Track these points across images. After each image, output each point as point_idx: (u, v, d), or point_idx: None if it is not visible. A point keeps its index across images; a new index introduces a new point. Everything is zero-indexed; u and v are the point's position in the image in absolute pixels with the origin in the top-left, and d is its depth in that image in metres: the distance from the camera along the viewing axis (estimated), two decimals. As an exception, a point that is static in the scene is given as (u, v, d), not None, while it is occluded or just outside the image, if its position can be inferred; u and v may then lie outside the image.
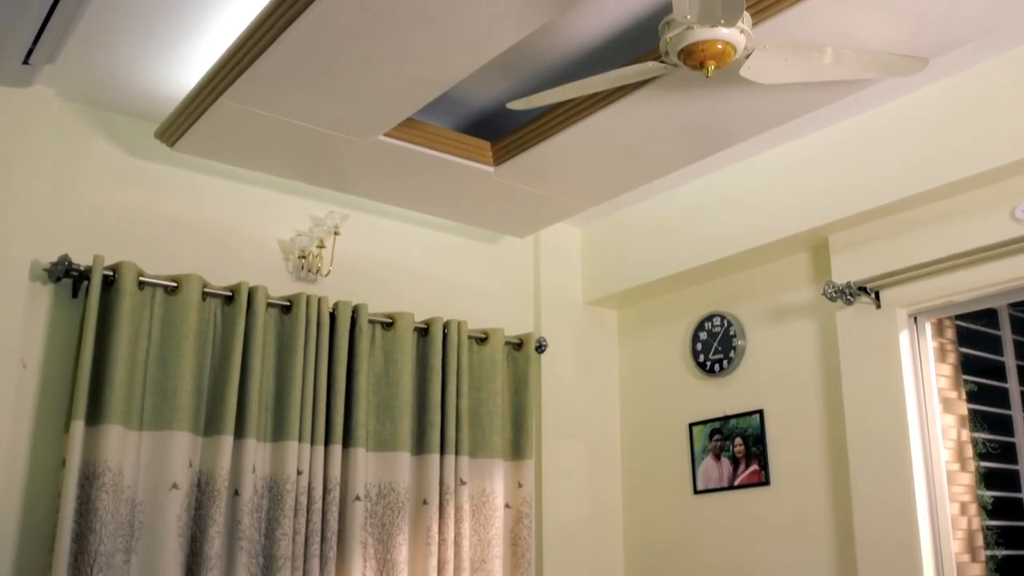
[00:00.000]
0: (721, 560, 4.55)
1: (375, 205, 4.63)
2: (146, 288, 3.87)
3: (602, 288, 5.17)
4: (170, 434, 3.78)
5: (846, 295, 3.98)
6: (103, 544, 3.53)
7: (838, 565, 4.05)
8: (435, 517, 4.35)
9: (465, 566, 4.40)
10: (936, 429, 3.84)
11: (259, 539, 3.94)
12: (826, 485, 4.15)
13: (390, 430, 4.35)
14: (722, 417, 4.65)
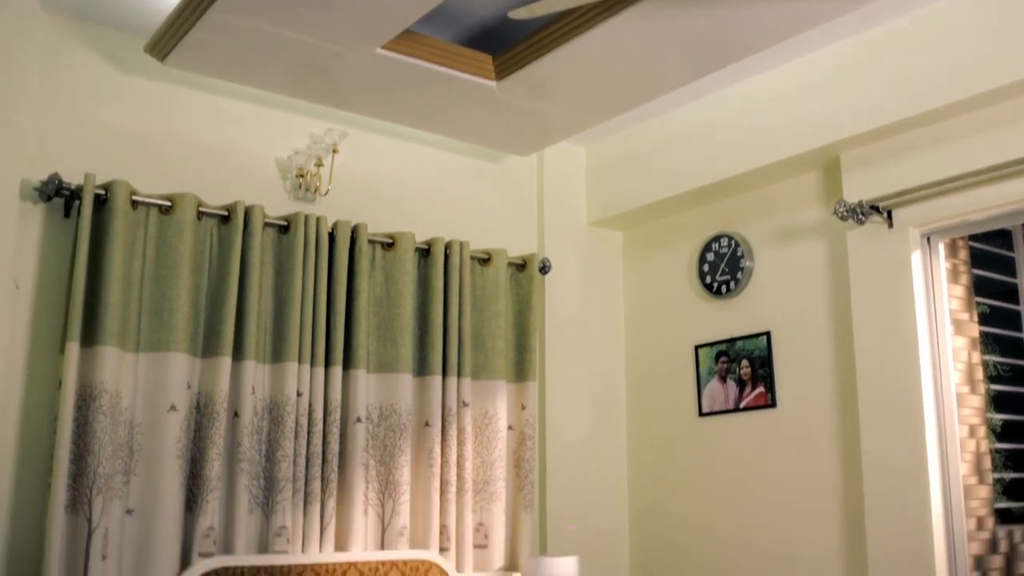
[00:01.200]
0: (726, 482, 4.52)
1: (375, 123, 4.51)
2: (140, 207, 3.79)
3: (607, 208, 5.08)
4: (167, 355, 3.73)
5: (857, 214, 3.87)
6: (102, 466, 3.50)
7: (844, 487, 4.02)
8: (437, 439, 4.32)
9: (468, 487, 4.38)
10: (947, 351, 3.77)
11: (259, 461, 3.92)
12: (833, 408, 4.10)
13: (391, 352, 4.30)
14: (728, 339, 4.58)
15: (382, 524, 4.18)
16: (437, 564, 4.18)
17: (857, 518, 3.94)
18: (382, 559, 4.04)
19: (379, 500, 4.18)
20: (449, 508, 4.31)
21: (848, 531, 3.98)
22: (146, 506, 3.64)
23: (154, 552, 3.60)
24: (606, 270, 5.21)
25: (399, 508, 4.19)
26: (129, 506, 3.63)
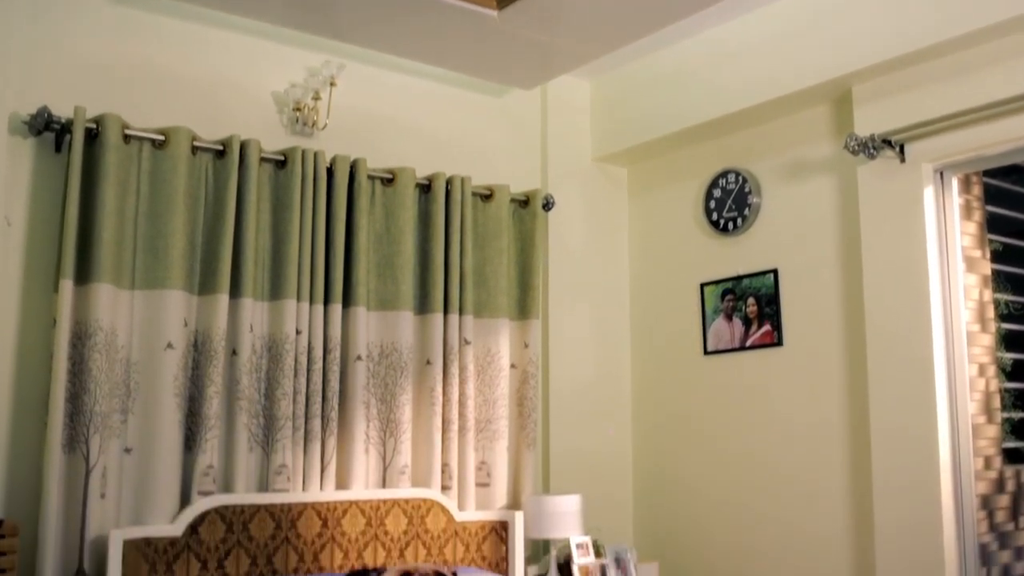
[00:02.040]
0: (731, 421, 4.49)
1: (373, 55, 4.39)
2: (132, 142, 3.70)
3: (612, 144, 4.97)
4: (163, 293, 3.67)
5: (869, 148, 3.77)
6: (98, 404, 3.46)
7: (851, 426, 3.97)
8: (439, 377, 4.28)
9: (470, 426, 4.35)
10: (958, 289, 3.69)
11: (259, 399, 3.88)
12: (840, 346, 4.04)
13: (391, 289, 4.23)
14: (735, 277, 4.51)
15: (383, 463, 4.15)
16: (439, 503, 4.16)
17: (864, 457, 3.90)
18: (383, 498, 4.02)
19: (380, 438, 4.15)
20: (451, 447, 4.28)
21: (854, 470, 3.94)
22: (144, 445, 3.61)
23: (153, 491, 3.58)
24: (611, 207, 5.12)
25: (400, 447, 4.16)
26: (127, 445, 3.60)
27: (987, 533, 3.72)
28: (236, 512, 3.67)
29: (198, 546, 3.58)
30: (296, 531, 3.79)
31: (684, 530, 4.66)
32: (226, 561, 3.63)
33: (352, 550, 3.90)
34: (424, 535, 4.09)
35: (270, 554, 3.72)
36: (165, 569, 3.51)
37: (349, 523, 3.91)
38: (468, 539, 4.22)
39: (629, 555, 4.35)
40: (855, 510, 3.92)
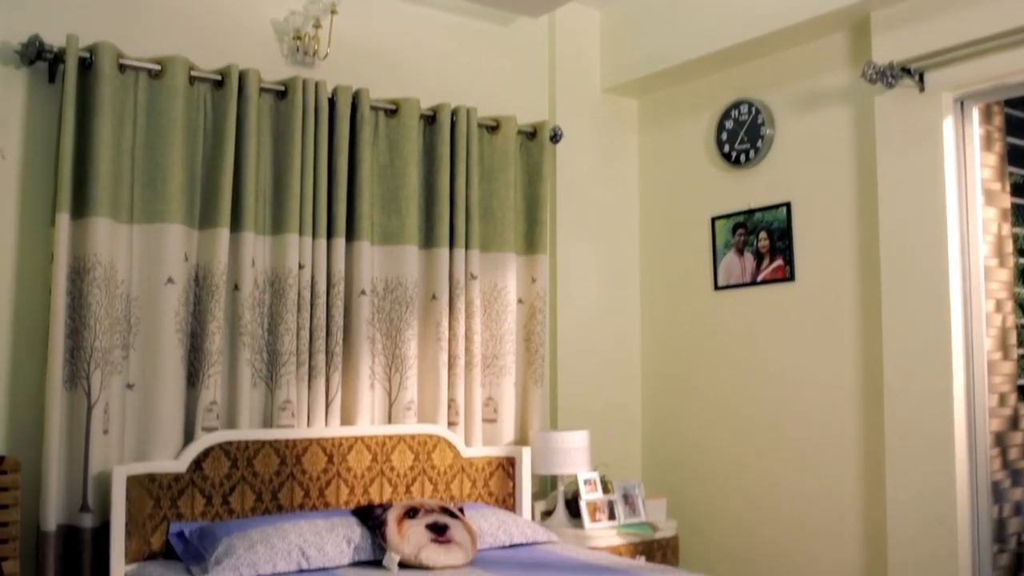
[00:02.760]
0: (741, 357, 4.43)
1: (376, -19, 4.26)
2: (128, 72, 3.60)
3: (622, 74, 4.84)
4: (163, 227, 3.60)
5: (887, 77, 3.64)
6: (99, 340, 3.41)
7: (864, 360, 3.91)
8: (445, 312, 4.22)
9: (476, 361, 4.30)
10: (976, 223, 3.60)
11: (262, 334, 3.83)
12: (854, 281, 3.96)
13: (396, 223, 4.16)
14: (747, 210, 4.41)
15: (389, 398, 4.12)
16: (445, 438, 4.13)
17: (876, 394, 3.84)
18: (389, 433, 3.99)
19: (386, 374, 4.11)
20: (457, 382, 4.24)
21: (866, 406, 3.89)
22: (146, 380, 3.57)
23: (156, 427, 3.55)
24: (620, 139, 5.01)
25: (406, 382, 4.12)
26: (129, 380, 3.56)
27: (1000, 470, 3.67)
28: (240, 448, 3.64)
29: (202, 482, 3.56)
30: (301, 467, 3.76)
31: (693, 466, 4.64)
32: (231, 497, 3.61)
33: (358, 486, 3.88)
34: (430, 471, 4.07)
35: (275, 490, 3.71)
36: (170, 505, 3.49)
37: (355, 459, 3.89)
38: (475, 475, 4.20)
39: (637, 491, 4.32)
40: (866, 445, 3.88)
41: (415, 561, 3.35)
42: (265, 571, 3.20)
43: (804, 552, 4.10)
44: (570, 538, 4.09)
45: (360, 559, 3.40)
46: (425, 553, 3.36)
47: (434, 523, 3.47)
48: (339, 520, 3.50)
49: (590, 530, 4.10)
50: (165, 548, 3.48)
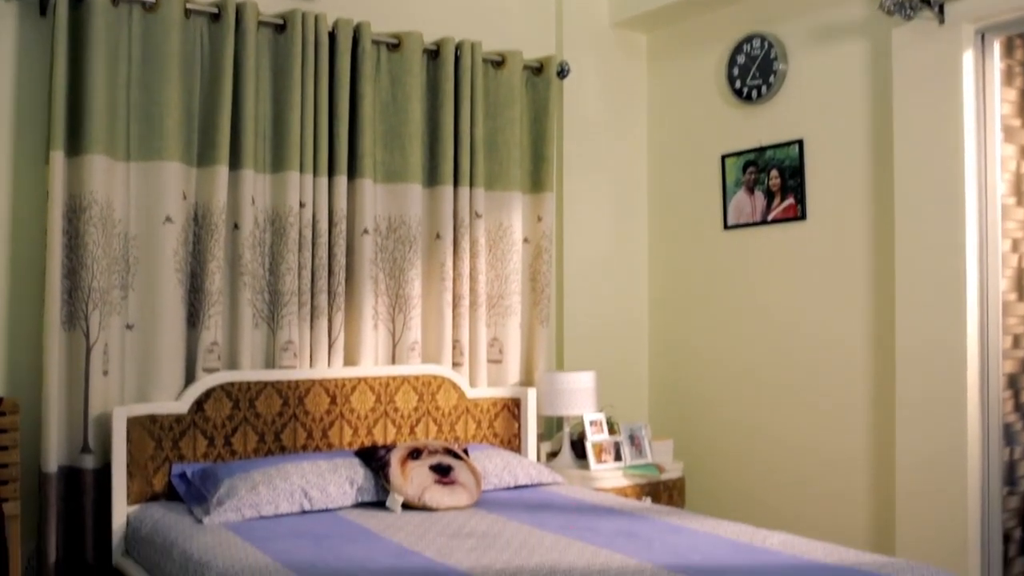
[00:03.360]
0: (751, 298, 4.36)
1: (377, -91, 4.12)
2: (121, 5, 3.50)
3: (630, 7, 4.70)
4: (160, 164, 3.53)
5: (905, 9, 3.51)
6: (96, 280, 3.36)
7: (875, 303, 3.84)
8: (449, 252, 4.15)
9: (481, 301, 4.25)
10: (994, 160, 3.50)
11: (263, 274, 3.78)
12: (867, 220, 3.87)
13: (399, 161, 4.07)
14: (758, 148, 4.31)
15: (393, 339, 4.07)
16: (450, 379, 4.09)
17: (888, 334, 3.78)
18: (393, 374, 3.95)
19: (389, 314, 4.06)
20: (462, 323, 4.19)
21: (877, 347, 3.83)
22: (146, 321, 3.53)
23: (157, 368, 3.51)
24: (629, 75, 4.89)
25: (410, 323, 4.07)
26: (128, 321, 3.52)
27: (1012, 412, 3.61)
28: (242, 389, 3.61)
29: (204, 423, 3.53)
30: (304, 408, 3.73)
31: (700, 407, 4.60)
32: (233, 438, 3.58)
33: (361, 427, 3.85)
34: (435, 412, 4.04)
35: (278, 431, 3.68)
36: (171, 446, 3.46)
37: (358, 400, 3.85)
38: (480, 416, 4.17)
39: (643, 432, 4.29)
40: (877, 386, 3.82)
41: (419, 502, 3.33)
42: (267, 512, 3.18)
43: (812, 493, 4.07)
44: (575, 479, 4.06)
45: (363, 500, 3.38)
46: (429, 494, 3.34)
47: (438, 464, 3.44)
48: (342, 461, 3.48)
49: (596, 471, 4.07)
50: (168, 489, 3.46)
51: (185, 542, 2.89)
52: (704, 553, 2.70)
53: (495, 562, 2.61)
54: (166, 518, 3.17)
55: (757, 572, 2.48)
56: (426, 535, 2.95)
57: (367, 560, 2.64)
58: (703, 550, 2.74)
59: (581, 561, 2.62)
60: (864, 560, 2.58)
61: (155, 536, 3.07)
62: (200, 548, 2.80)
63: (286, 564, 2.59)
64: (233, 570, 2.56)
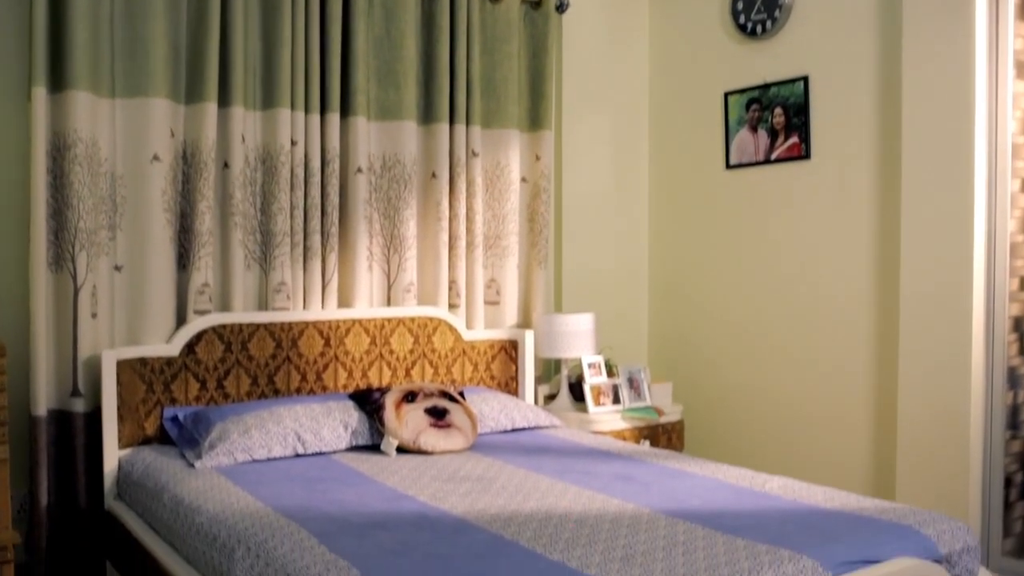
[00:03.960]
0: (753, 238, 4.28)
1: None
2: (103, -68, 3.37)
3: (633, -63, 4.56)
4: (146, 101, 3.42)
5: (917, -62, 3.39)
6: (82, 220, 3.28)
7: (880, 241, 3.76)
8: (445, 191, 4.07)
9: (478, 242, 4.17)
10: (1006, 97, 3.39)
11: (254, 214, 3.69)
12: (873, 159, 3.78)
13: (393, 98, 3.96)
14: (762, 85, 4.20)
15: (388, 280, 4.00)
16: (446, 321, 4.03)
17: (892, 275, 3.71)
18: (388, 316, 3.89)
19: (384, 255, 3.98)
20: (458, 264, 4.12)
21: (881, 288, 3.76)
22: (135, 262, 3.45)
23: (147, 310, 3.45)
24: (630, 9, 4.75)
25: (405, 264, 3.99)
26: (117, 262, 3.44)
27: (1017, 356, 3.55)
28: (234, 331, 3.55)
29: (196, 366, 3.48)
30: (298, 350, 3.67)
31: (700, 350, 4.54)
32: (225, 381, 3.53)
33: (356, 370, 3.80)
34: (431, 354, 3.98)
35: (271, 374, 3.62)
36: (163, 389, 3.41)
37: (353, 342, 3.79)
38: (476, 358, 4.11)
39: (642, 375, 4.24)
40: (880, 327, 3.76)
41: (414, 446, 3.28)
42: (260, 456, 3.14)
43: (812, 437, 4.04)
44: (573, 422, 4.02)
45: (358, 444, 3.34)
46: (424, 438, 3.29)
47: (433, 407, 3.39)
48: (336, 404, 3.43)
49: (594, 414, 4.03)
50: (160, 433, 3.42)
51: (176, 486, 2.85)
52: (703, 497, 2.66)
53: (490, 507, 2.57)
54: (158, 462, 3.12)
55: (756, 517, 2.43)
56: (420, 479, 2.91)
57: (360, 504, 2.60)
58: (702, 494, 2.69)
59: (577, 506, 2.58)
60: (865, 505, 2.54)
61: (146, 480, 3.02)
62: (191, 492, 2.76)
63: (277, 508, 2.55)
64: (223, 515, 2.52)
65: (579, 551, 2.17)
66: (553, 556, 2.13)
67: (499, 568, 2.04)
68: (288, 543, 2.25)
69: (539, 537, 2.28)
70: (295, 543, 2.24)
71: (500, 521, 2.42)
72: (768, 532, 2.28)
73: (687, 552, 2.15)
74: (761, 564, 2.05)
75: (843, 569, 2.11)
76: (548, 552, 2.16)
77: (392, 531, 2.34)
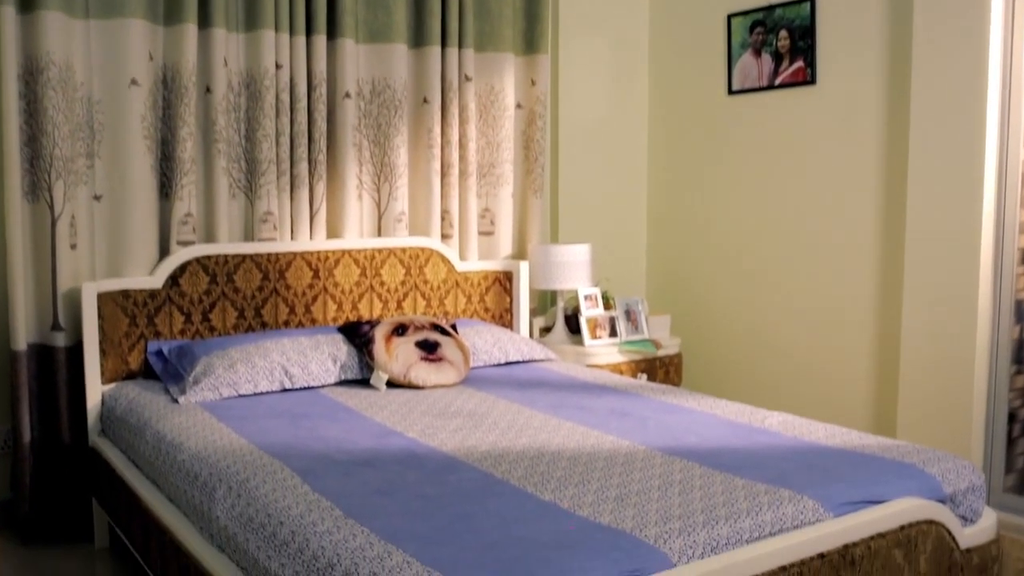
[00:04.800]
0: (755, 167, 4.15)
1: None
2: None
3: None
4: (123, 22, 3.27)
5: None
6: (58, 147, 3.15)
7: (887, 168, 3.64)
8: (437, 117, 3.93)
9: (471, 170, 4.04)
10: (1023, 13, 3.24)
11: (239, 141, 3.56)
12: (881, 85, 3.63)
13: (383, 19, 3.80)
14: (766, 6, 4.03)
15: (378, 210, 3.88)
16: (438, 252, 3.92)
17: (898, 207, 3.59)
18: (378, 247, 3.78)
19: (374, 184, 3.86)
20: (451, 193, 3.99)
21: (887, 216, 3.65)
22: (115, 191, 3.33)
23: (128, 241, 3.34)
24: (630, -74, 4.56)
25: (396, 192, 3.87)
26: (96, 192, 3.32)
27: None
28: (219, 263, 3.44)
29: (180, 298, 3.38)
30: (285, 282, 3.57)
31: (699, 282, 4.44)
32: (211, 314, 3.44)
33: (346, 302, 3.70)
34: (423, 286, 3.88)
35: (258, 306, 3.53)
36: (146, 322, 3.32)
37: (342, 274, 3.69)
38: (470, 290, 4.01)
39: (640, 307, 4.14)
40: (884, 259, 3.66)
41: (404, 380, 3.20)
42: (246, 391, 3.06)
43: (812, 372, 3.95)
44: (569, 356, 3.94)
45: (347, 378, 3.25)
46: (414, 372, 3.21)
47: (424, 340, 3.31)
48: (324, 338, 3.34)
49: (590, 347, 3.94)
50: (144, 368, 3.33)
51: (159, 422, 2.77)
52: (700, 434, 2.58)
53: (480, 443, 2.49)
54: (141, 397, 3.04)
55: (755, 454, 2.36)
56: (410, 414, 2.83)
57: (346, 441, 2.52)
58: (699, 431, 2.61)
59: (571, 442, 2.50)
60: (868, 443, 2.46)
61: (129, 416, 2.95)
62: (173, 429, 2.68)
63: (261, 446, 2.47)
64: (205, 452, 2.44)
65: (572, 490, 2.09)
66: (544, 496, 2.06)
67: (488, 509, 1.97)
68: (270, 482, 2.17)
69: (531, 476, 2.20)
70: (277, 482, 2.17)
71: (491, 459, 2.35)
72: (767, 471, 2.21)
73: (683, 492, 2.07)
74: (760, 504, 1.97)
75: (845, 509, 2.03)
76: (539, 492, 2.08)
77: (379, 469, 2.27)
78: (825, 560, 1.89)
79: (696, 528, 1.85)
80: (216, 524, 2.19)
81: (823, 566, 1.89)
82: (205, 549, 2.22)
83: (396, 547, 1.76)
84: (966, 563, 2.18)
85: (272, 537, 1.96)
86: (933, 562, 2.09)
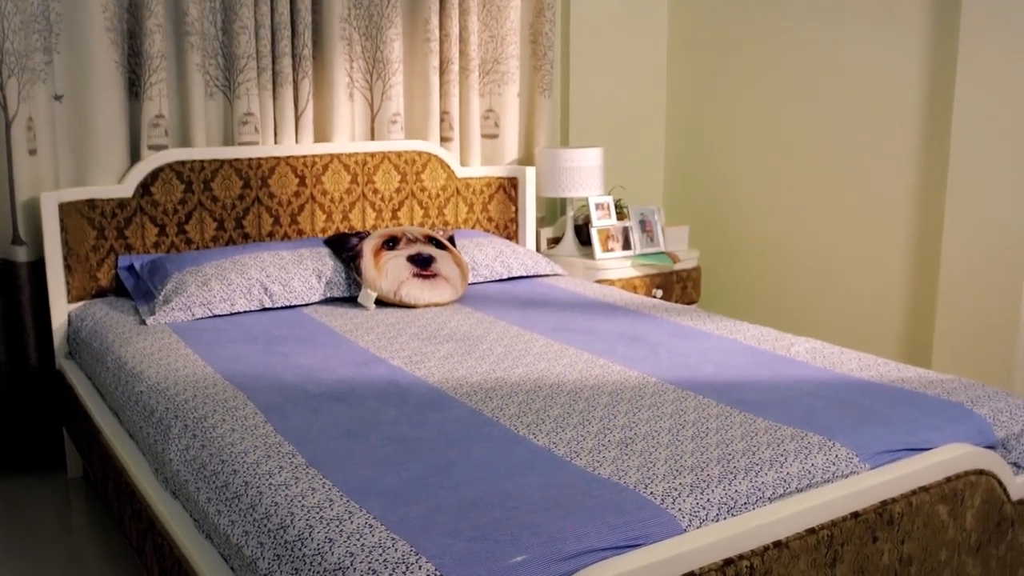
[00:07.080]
0: (784, 58, 3.80)
1: None
2: None
3: None
4: (78, -101, 2.92)
5: None
6: (9, 41, 2.84)
7: (932, 52, 3.29)
8: (435, 7, 3.59)
9: (473, 66, 3.71)
10: None
11: (215, 34, 3.23)
12: (927, -33, 3.26)
13: None
14: None
15: (371, 110, 3.57)
16: (437, 156, 3.62)
17: (944, 97, 3.24)
18: (371, 151, 3.48)
19: (366, 82, 3.53)
20: (451, 91, 3.67)
21: (929, 116, 3.31)
22: (77, 91, 3.03)
23: (93, 145, 3.05)
24: None
25: (390, 91, 3.55)
26: (56, 91, 3.02)
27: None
28: (195, 169, 3.15)
29: (153, 208, 3.10)
30: (268, 190, 3.28)
31: (721, 189, 4.12)
32: (187, 225, 3.16)
33: (336, 211, 3.42)
34: (420, 194, 3.59)
35: (239, 217, 3.25)
36: (116, 235, 3.05)
37: (331, 181, 3.40)
38: (472, 198, 3.72)
39: (656, 217, 3.84)
40: (925, 164, 3.32)
41: (394, 298, 2.93)
42: (222, 311, 2.80)
43: (840, 290, 3.66)
44: (578, 270, 3.66)
45: (332, 296, 2.99)
46: (406, 289, 2.94)
47: (417, 255, 3.03)
48: (308, 252, 3.06)
49: (601, 261, 3.66)
50: (116, 284, 3.07)
51: (121, 347, 2.52)
52: (718, 363, 2.31)
53: (471, 374, 2.23)
54: (108, 318, 2.79)
55: (780, 389, 2.09)
56: (398, 338, 2.57)
57: (323, 370, 2.27)
58: (717, 359, 2.34)
59: (573, 373, 2.24)
60: (907, 376, 2.18)
61: (93, 339, 2.70)
62: (135, 355, 2.43)
63: (226, 375, 2.22)
64: (165, 383, 2.19)
65: (569, 432, 1.83)
66: (538, 440, 1.80)
67: (471, 457, 1.71)
68: (230, 420, 1.92)
69: (524, 414, 1.94)
70: (237, 420, 1.92)
71: (481, 392, 2.09)
72: (794, 410, 1.94)
73: (697, 436, 1.81)
74: (785, 453, 1.71)
75: (882, 459, 1.77)
76: (532, 435, 1.83)
77: (353, 405, 2.01)
78: (859, 519, 1.63)
79: (711, 483, 1.59)
80: (169, 467, 1.95)
81: (857, 526, 1.63)
82: (159, 495, 1.99)
83: (359, 506, 1.51)
84: (1017, 516, 1.92)
85: (224, 488, 1.71)
86: (981, 517, 1.83)
